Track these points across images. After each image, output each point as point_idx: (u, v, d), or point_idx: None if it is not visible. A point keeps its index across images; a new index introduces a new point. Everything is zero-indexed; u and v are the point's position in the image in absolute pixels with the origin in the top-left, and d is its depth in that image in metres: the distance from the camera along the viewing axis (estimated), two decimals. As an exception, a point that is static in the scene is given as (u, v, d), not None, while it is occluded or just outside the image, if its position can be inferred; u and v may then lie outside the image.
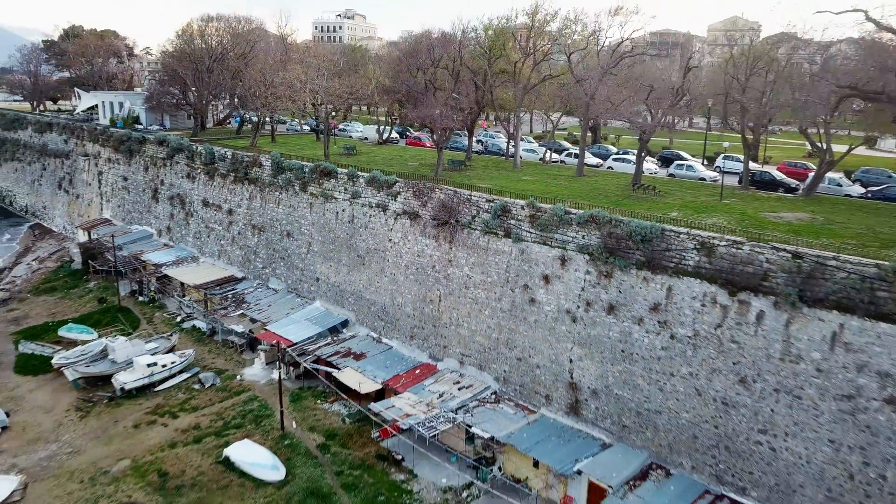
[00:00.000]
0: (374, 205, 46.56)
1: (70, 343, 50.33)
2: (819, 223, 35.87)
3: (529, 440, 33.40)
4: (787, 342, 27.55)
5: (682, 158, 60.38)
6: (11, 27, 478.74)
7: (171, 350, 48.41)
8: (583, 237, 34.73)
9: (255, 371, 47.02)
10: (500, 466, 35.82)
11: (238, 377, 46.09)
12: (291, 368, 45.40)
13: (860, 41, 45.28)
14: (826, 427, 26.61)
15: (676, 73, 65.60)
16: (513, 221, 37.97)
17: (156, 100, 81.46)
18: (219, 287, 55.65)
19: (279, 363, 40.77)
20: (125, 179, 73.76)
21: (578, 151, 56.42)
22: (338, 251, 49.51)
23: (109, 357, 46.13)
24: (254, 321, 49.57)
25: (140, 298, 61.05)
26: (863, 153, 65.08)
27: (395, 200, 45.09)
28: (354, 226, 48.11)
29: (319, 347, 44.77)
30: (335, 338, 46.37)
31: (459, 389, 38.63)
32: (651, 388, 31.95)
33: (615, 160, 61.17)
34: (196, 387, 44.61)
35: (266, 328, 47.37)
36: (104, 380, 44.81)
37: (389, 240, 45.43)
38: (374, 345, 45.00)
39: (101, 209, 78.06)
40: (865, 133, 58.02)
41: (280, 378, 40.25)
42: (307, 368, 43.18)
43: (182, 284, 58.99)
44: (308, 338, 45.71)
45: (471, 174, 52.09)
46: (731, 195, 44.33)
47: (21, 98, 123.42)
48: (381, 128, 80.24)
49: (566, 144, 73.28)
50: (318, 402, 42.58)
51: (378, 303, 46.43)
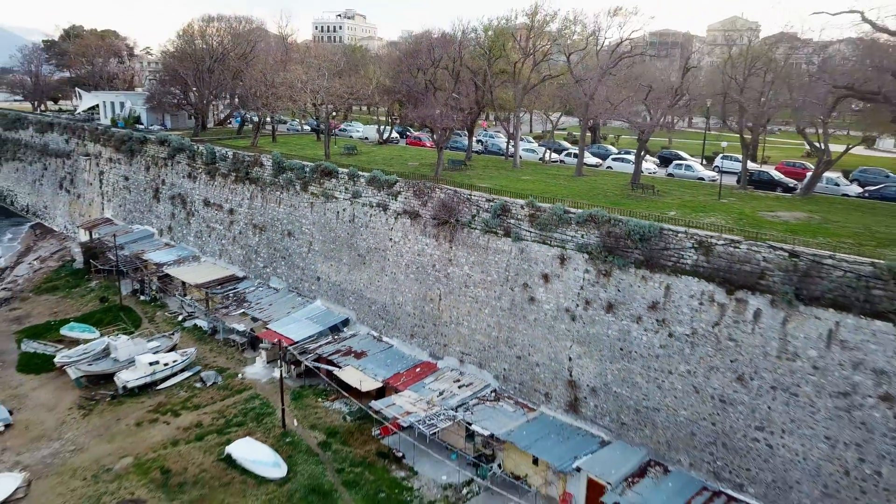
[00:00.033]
0: (375, 204, 46.79)
1: (72, 342, 50.62)
2: (816, 222, 36.10)
3: (529, 437, 33.65)
4: (784, 340, 27.82)
5: (681, 158, 60.57)
6: (12, 27, 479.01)
7: (173, 349, 48.68)
8: (582, 236, 34.97)
9: (257, 369, 47.29)
10: (500, 463, 36.08)
11: (239, 376, 46.36)
12: (292, 367, 45.62)
13: (858, 42, 45.52)
14: (822, 424, 26.88)
15: (675, 74, 65.69)
16: (512, 221, 38.19)
17: (157, 100, 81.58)
18: (220, 286, 55.88)
19: (280, 362, 40.92)
20: (126, 179, 73.95)
21: (578, 151, 56.66)
22: (338, 250, 49.75)
23: (111, 356, 46.44)
24: (255, 320, 49.82)
25: (141, 297, 61.31)
26: (861, 153, 65.40)
27: (396, 200, 45.33)
28: (355, 225, 48.35)
29: (320, 346, 45.00)
30: (336, 336, 46.60)
31: (459, 387, 38.88)
32: (649, 386, 32.21)
33: (614, 160, 61.37)
34: (198, 385, 44.87)
35: (267, 327, 47.60)
36: (106, 378, 45.12)
37: (390, 239, 45.67)
38: (375, 343, 45.25)
39: (103, 209, 78.26)
40: (863, 133, 58.34)
41: (281, 376, 40.51)
42: (308, 367, 43.43)
43: (183, 284, 59.27)
44: (309, 336, 45.95)
45: (471, 174, 52.26)
46: (730, 195, 44.51)
47: (22, 98, 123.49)
48: (382, 128, 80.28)
49: (566, 144, 73.41)
50: (319, 401, 42.85)
51: (379, 302, 46.69)
